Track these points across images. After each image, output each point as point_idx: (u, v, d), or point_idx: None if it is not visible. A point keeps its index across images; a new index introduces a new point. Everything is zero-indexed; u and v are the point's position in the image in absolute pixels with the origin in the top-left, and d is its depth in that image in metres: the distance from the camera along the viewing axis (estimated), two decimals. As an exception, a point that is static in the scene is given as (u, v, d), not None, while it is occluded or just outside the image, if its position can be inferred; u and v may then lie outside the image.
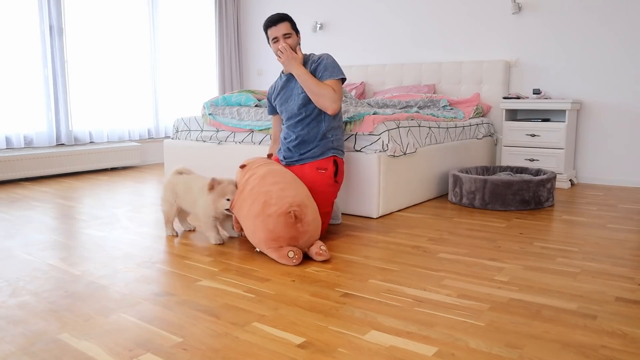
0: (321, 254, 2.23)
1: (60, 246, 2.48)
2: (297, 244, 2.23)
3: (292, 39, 2.68)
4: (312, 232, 2.26)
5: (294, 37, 2.69)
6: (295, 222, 2.19)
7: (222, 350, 1.43)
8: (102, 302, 1.78)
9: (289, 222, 2.18)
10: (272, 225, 2.20)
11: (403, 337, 1.51)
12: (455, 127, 3.95)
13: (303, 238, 2.23)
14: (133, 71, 5.43)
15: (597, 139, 4.31)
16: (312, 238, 2.27)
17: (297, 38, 2.72)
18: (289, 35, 2.67)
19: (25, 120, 4.60)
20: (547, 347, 1.45)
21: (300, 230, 2.21)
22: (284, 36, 2.66)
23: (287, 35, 2.67)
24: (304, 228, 2.22)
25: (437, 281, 1.99)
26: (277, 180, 2.34)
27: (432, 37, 5.00)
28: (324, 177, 2.62)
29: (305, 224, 2.22)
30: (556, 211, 3.24)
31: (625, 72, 4.12)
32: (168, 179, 2.66)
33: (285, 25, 2.66)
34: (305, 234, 2.23)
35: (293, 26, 2.70)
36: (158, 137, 5.75)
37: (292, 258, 2.18)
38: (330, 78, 2.62)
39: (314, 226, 2.27)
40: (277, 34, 2.66)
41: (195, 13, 6.04)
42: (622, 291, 1.88)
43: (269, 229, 2.20)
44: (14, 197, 3.74)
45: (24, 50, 4.53)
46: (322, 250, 2.24)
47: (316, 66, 2.66)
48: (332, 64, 2.67)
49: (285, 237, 2.20)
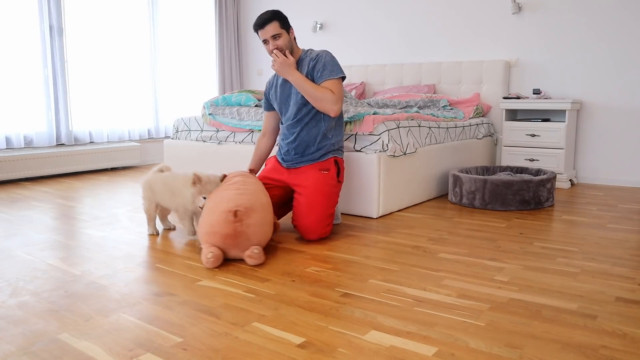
0: (252, 256, 2.17)
1: (60, 246, 2.48)
2: (231, 244, 2.18)
3: (282, 38, 2.55)
4: (250, 235, 2.20)
5: (284, 36, 2.56)
6: (234, 220, 2.16)
7: (222, 350, 1.43)
8: (102, 302, 1.78)
9: (228, 219, 2.17)
10: (214, 219, 2.19)
11: (403, 337, 1.51)
12: (455, 127, 3.95)
13: (239, 238, 2.18)
14: (133, 71, 5.44)
15: (597, 139, 4.31)
16: (249, 242, 2.20)
17: (289, 35, 2.59)
18: (278, 35, 2.54)
19: (25, 120, 4.60)
20: (547, 347, 1.45)
21: (238, 230, 2.17)
22: (273, 37, 2.54)
23: (276, 36, 2.54)
24: (242, 229, 2.18)
25: (437, 281, 1.99)
26: (241, 188, 2.32)
27: (432, 37, 5.00)
28: (328, 177, 2.60)
29: (244, 225, 2.18)
30: (556, 211, 3.24)
31: (625, 72, 4.12)
32: (146, 177, 2.67)
33: (273, 26, 2.53)
34: (242, 235, 2.18)
35: (283, 24, 2.56)
36: (158, 137, 5.75)
37: (209, 259, 2.13)
38: (330, 77, 2.55)
39: (255, 231, 2.21)
40: (265, 36, 2.55)
41: (195, 13, 6.04)
42: (622, 291, 1.88)
43: (210, 222, 2.20)
44: (14, 197, 3.74)
45: (24, 50, 4.53)
46: (254, 253, 2.18)
47: (314, 64, 2.58)
48: (331, 61, 2.59)
49: (221, 234, 2.16)
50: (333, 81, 2.56)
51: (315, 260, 2.25)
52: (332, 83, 2.56)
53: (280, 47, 2.55)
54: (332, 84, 2.55)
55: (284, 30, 2.56)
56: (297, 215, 2.56)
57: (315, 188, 2.55)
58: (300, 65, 2.63)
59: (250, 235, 2.21)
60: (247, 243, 2.21)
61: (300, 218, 2.54)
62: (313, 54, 2.63)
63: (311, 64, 2.59)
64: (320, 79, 2.56)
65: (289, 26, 2.60)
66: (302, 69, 2.62)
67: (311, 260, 2.26)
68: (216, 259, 2.15)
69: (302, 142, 2.63)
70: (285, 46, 2.57)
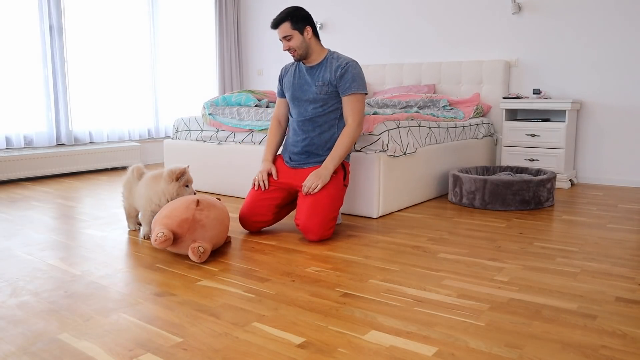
0: (195, 251, 2.16)
1: (60, 246, 2.48)
2: (187, 229, 2.18)
3: (294, 39, 2.56)
4: (206, 226, 2.22)
5: (296, 38, 2.56)
6: (195, 208, 2.23)
7: (222, 350, 1.43)
8: (102, 302, 1.78)
9: (190, 206, 2.23)
10: (176, 204, 2.27)
11: (403, 337, 1.51)
12: (455, 127, 3.95)
13: (195, 225, 2.20)
14: (133, 71, 5.44)
15: (597, 139, 4.31)
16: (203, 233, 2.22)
17: (302, 36, 2.57)
18: (289, 36, 2.56)
19: (25, 120, 4.60)
20: (547, 347, 1.45)
21: (197, 217, 2.20)
22: (285, 38, 2.57)
23: (287, 37, 2.57)
24: (200, 216, 2.21)
25: (437, 281, 1.99)
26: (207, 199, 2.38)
27: (432, 37, 5.00)
28: (334, 180, 2.59)
29: (204, 214, 2.23)
30: (556, 211, 3.24)
31: (625, 72, 4.12)
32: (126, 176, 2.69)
33: (283, 28, 2.55)
34: (198, 223, 2.21)
35: (295, 25, 2.55)
36: (158, 137, 5.75)
37: (158, 237, 2.13)
38: (357, 91, 2.56)
39: (212, 225, 2.24)
40: (279, 36, 2.60)
41: (195, 13, 6.04)
42: (622, 291, 1.88)
43: (170, 208, 2.26)
44: (14, 197, 3.73)
45: (24, 50, 4.53)
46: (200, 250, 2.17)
47: (343, 73, 2.56)
48: (359, 75, 2.59)
49: (180, 217, 2.19)
50: (358, 96, 2.58)
51: (315, 260, 2.25)
52: (357, 98, 2.58)
53: (292, 48, 2.57)
54: (357, 98, 2.57)
55: (295, 32, 2.55)
56: (300, 215, 2.55)
57: (322, 191, 2.54)
58: (324, 65, 2.63)
59: (206, 226, 2.23)
60: (202, 233, 2.22)
61: (303, 218, 2.53)
62: (342, 60, 2.61)
63: (339, 71, 2.57)
64: (348, 90, 2.56)
65: (303, 26, 2.56)
66: (325, 70, 2.61)
67: (311, 260, 2.26)
68: (166, 239, 2.14)
69: (312, 143, 2.65)
70: (298, 47, 2.57)
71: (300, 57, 2.63)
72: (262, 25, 6.22)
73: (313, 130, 2.64)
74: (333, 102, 2.63)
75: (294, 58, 2.64)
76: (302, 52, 2.60)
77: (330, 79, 2.59)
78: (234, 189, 3.71)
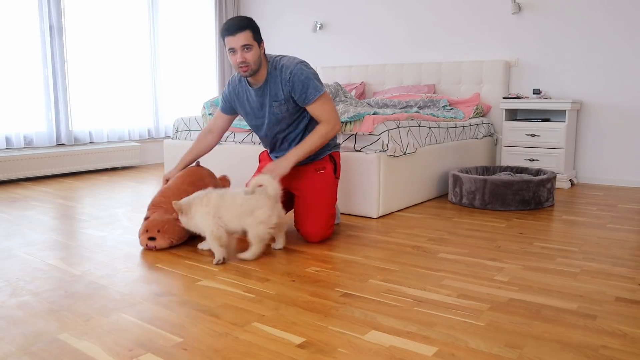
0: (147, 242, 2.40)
1: (60, 246, 2.48)
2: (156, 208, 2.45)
3: (252, 52, 2.24)
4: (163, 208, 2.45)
5: (254, 50, 2.25)
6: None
7: (222, 350, 1.43)
8: (102, 302, 1.78)
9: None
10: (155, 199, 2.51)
11: (403, 337, 1.51)
12: (455, 127, 3.95)
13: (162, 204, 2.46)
14: (133, 71, 5.43)
15: (597, 139, 4.31)
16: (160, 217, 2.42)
17: (260, 49, 2.28)
18: (249, 46, 2.23)
19: (25, 120, 4.60)
20: (547, 347, 1.45)
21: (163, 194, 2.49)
22: (243, 48, 2.22)
23: (246, 47, 2.23)
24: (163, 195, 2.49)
25: (437, 281, 1.99)
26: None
27: (432, 37, 5.00)
28: (324, 176, 2.54)
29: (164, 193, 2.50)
30: (556, 211, 3.24)
31: (625, 72, 4.12)
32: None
33: (245, 35, 2.21)
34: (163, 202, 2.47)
35: (256, 35, 2.26)
36: (158, 137, 5.75)
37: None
38: (316, 96, 2.32)
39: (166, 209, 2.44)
40: (234, 44, 2.22)
41: (195, 13, 6.04)
42: (622, 291, 1.88)
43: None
44: (14, 197, 3.73)
45: (24, 50, 4.53)
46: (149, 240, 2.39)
47: (291, 86, 2.31)
48: (307, 78, 2.31)
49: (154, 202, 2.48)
50: (320, 99, 2.34)
51: (315, 260, 2.25)
52: (321, 101, 2.34)
53: (247, 61, 2.26)
54: (320, 102, 2.35)
55: (255, 43, 2.26)
56: (299, 221, 2.53)
57: (314, 191, 2.52)
58: (269, 82, 2.37)
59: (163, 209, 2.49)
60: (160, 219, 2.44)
61: (303, 224, 2.52)
62: (284, 69, 2.33)
63: (286, 86, 2.33)
64: (307, 100, 2.33)
65: (261, 39, 2.31)
66: (274, 87, 2.36)
67: (311, 260, 2.26)
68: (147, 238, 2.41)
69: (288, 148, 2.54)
70: (254, 62, 2.27)
71: (251, 74, 2.32)
72: (262, 25, 6.22)
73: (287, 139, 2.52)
74: (298, 112, 2.44)
75: (244, 74, 2.31)
76: (255, 68, 2.29)
77: (285, 96, 2.36)
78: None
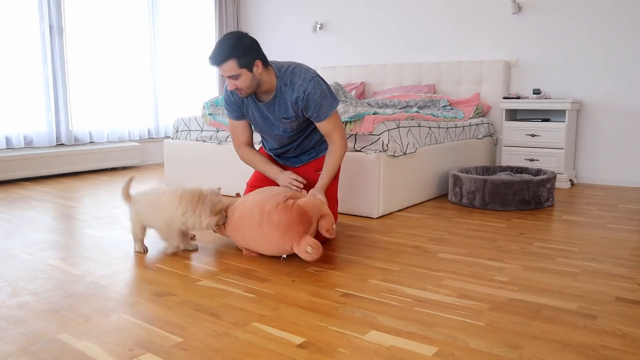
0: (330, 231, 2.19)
1: (60, 246, 2.48)
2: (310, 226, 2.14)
3: (242, 78, 2.18)
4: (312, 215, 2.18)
5: (244, 76, 2.17)
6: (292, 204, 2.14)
7: (222, 350, 1.43)
8: (102, 302, 1.78)
9: (287, 206, 2.12)
10: (277, 218, 2.10)
11: (403, 337, 1.51)
12: (455, 127, 3.95)
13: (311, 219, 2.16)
14: (133, 71, 5.43)
15: (597, 139, 4.31)
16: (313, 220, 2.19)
17: (251, 73, 2.18)
18: (235, 76, 2.18)
19: (25, 120, 4.59)
20: (547, 347, 1.45)
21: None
22: (231, 78, 2.19)
23: (233, 77, 2.18)
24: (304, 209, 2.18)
25: (437, 281, 1.99)
26: (260, 191, 2.29)
27: (432, 37, 4.99)
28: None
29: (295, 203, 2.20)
30: (556, 211, 3.24)
31: (625, 72, 4.12)
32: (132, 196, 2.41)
33: (228, 66, 2.14)
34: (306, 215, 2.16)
35: (241, 62, 2.14)
36: (158, 137, 5.75)
37: (310, 254, 2.06)
38: (328, 115, 2.33)
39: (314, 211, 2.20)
40: (222, 73, 2.21)
41: (195, 13, 6.04)
42: (622, 291, 1.88)
43: (275, 223, 2.10)
44: (14, 197, 3.73)
45: (24, 50, 4.53)
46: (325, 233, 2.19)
47: (305, 104, 2.29)
48: (322, 97, 2.29)
49: (295, 221, 2.09)
50: (332, 117, 2.37)
51: (316, 260, 2.25)
52: (333, 117, 2.37)
53: (238, 87, 2.22)
54: (332, 118, 2.37)
55: (244, 70, 2.16)
56: None
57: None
58: (278, 99, 2.32)
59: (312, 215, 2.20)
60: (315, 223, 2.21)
61: None
62: (296, 87, 2.28)
63: (300, 104, 2.30)
64: (320, 117, 2.34)
65: (252, 60, 2.16)
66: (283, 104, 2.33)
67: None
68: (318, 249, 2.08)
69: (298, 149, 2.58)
70: (247, 87, 2.22)
71: (249, 95, 2.31)
72: (262, 25, 6.22)
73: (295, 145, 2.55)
74: (306, 123, 2.47)
75: (242, 97, 2.32)
76: (250, 91, 2.26)
77: (295, 113, 2.34)
78: (233, 189, 3.70)
